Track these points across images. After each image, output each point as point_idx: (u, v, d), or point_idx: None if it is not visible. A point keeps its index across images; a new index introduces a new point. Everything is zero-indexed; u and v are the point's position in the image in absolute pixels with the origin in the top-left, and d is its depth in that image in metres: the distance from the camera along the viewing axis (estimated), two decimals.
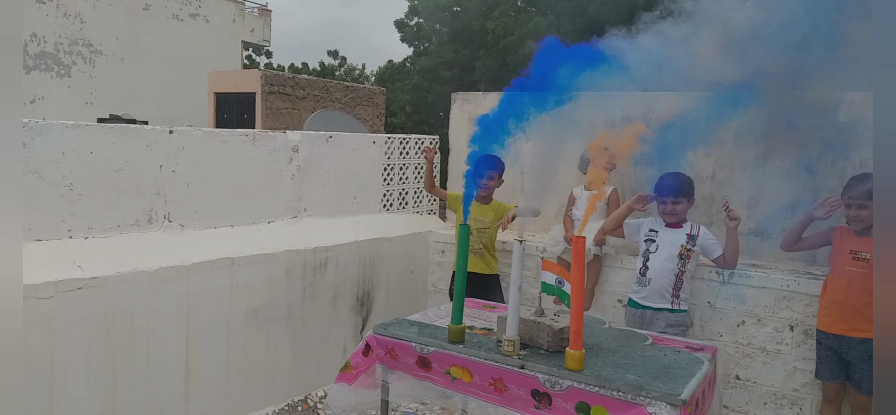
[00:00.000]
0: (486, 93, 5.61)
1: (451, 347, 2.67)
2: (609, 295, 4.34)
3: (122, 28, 16.45)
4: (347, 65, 27.13)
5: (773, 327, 3.83)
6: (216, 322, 3.66)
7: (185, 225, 3.75)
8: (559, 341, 2.61)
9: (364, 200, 4.98)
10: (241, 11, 19.53)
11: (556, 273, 2.69)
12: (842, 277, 3.38)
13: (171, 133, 3.68)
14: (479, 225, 4.28)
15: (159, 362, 3.40)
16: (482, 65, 17.17)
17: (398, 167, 5.28)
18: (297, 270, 4.10)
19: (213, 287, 3.62)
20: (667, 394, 2.23)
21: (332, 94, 12.70)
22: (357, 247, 4.56)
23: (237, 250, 3.78)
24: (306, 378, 4.24)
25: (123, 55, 16.46)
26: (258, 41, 20.53)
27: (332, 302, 4.39)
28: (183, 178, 3.73)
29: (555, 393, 2.41)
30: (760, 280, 3.84)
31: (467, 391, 2.63)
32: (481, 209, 4.35)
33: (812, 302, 3.65)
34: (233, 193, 4.01)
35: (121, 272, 3.21)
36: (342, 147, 4.75)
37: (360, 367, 2.95)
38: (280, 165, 4.29)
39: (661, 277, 3.71)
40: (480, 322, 3.02)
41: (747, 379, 3.92)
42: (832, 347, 3.43)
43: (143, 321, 3.31)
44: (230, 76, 12.77)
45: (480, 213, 4.34)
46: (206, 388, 3.64)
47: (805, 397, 3.76)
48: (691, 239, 3.73)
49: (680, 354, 2.68)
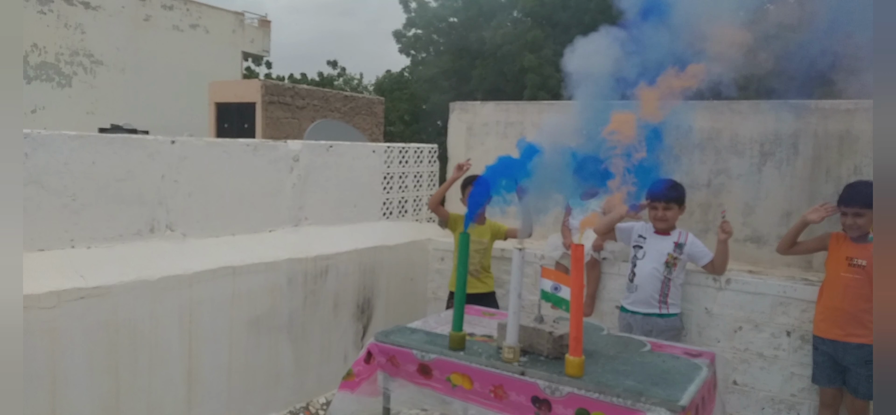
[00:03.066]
0: (483, 103, 5.66)
1: (451, 354, 2.70)
2: (607, 302, 4.37)
3: (123, 39, 16.54)
4: (346, 75, 27.22)
5: (770, 332, 3.86)
6: (218, 330, 3.69)
7: (187, 234, 3.78)
8: (559, 347, 2.64)
9: (364, 209, 5.01)
10: (240, 22, 19.64)
11: (554, 280, 2.72)
12: (838, 284, 3.41)
13: (173, 143, 3.71)
14: (476, 246, 4.27)
15: (162, 371, 3.43)
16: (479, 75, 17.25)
17: (398, 176, 5.31)
18: (298, 279, 4.13)
19: (214, 296, 3.65)
20: (666, 399, 2.26)
21: (332, 103, 12.76)
22: (357, 255, 4.59)
23: (239, 259, 3.80)
24: (308, 385, 4.26)
25: (124, 66, 16.54)
26: (258, 52, 20.65)
27: (332, 310, 4.41)
28: (185, 187, 3.76)
29: (555, 399, 2.43)
30: (757, 286, 3.88)
31: (468, 398, 2.66)
32: (478, 230, 4.31)
33: (808, 308, 3.68)
34: (234, 203, 4.04)
35: (123, 282, 3.24)
36: (342, 156, 4.78)
37: (362, 374, 2.97)
38: (281, 174, 4.33)
39: (648, 284, 3.76)
40: (481, 329, 3.04)
41: (745, 384, 3.94)
42: (828, 352, 3.46)
43: (145, 330, 3.34)
44: (231, 86, 12.84)
45: (477, 234, 4.30)
46: (208, 396, 3.66)
47: (802, 402, 3.78)
48: (678, 247, 3.77)
49: (678, 360, 2.71)
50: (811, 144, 4.19)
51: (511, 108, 5.49)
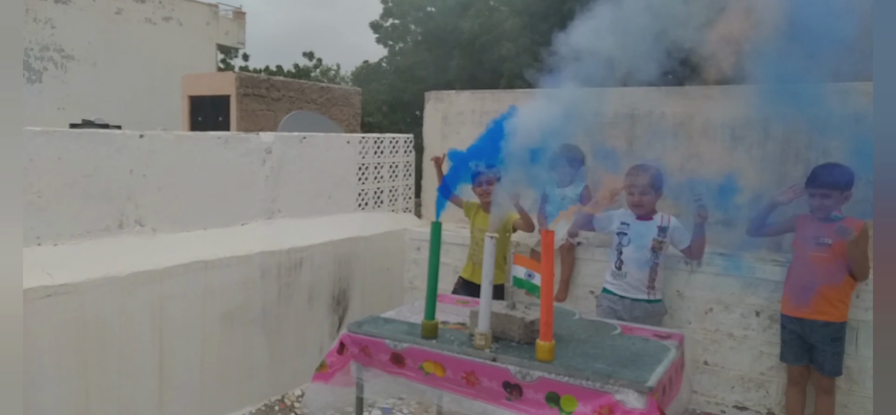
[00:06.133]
0: (459, 92, 5.65)
1: (424, 342, 2.71)
2: (581, 287, 4.40)
3: (95, 32, 16.26)
4: (323, 66, 27.04)
5: (739, 313, 3.91)
6: (190, 325, 3.65)
7: (157, 229, 3.74)
8: (530, 333, 2.65)
9: (339, 200, 4.99)
10: (214, 14, 19.39)
11: (526, 267, 2.73)
12: (805, 263, 3.48)
13: (142, 137, 3.66)
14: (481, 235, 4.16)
15: (132, 368, 3.39)
16: (457, 64, 17.22)
17: (373, 166, 5.29)
18: (272, 271, 4.11)
19: (186, 291, 3.61)
20: (634, 381, 2.29)
21: (308, 95, 12.67)
22: (332, 246, 4.57)
23: (211, 253, 3.77)
24: (283, 378, 4.25)
25: (96, 60, 16.26)
26: (233, 44, 20.41)
27: (307, 302, 4.40)
28: (154, 182, 3.71)
29: (525, 384, 2.45)
30: (727, 268, 3.93)
31: (440, 386, 2.67)
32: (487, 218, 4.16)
33: (777, 288, 3.74)
34: (206, 196, 4.00)
35: (91, 278, 3.19)
36: (316, 147, 4.75)
37: (335, 365, 2.97)
38: (253, 166, 4.29)
39: (637, 270, 3.76)
40: (455, 317, 3.05)
41: (715, 364, 4.00)
42: (796, 330, 3.53)
43: (115, 327, 3.30)
44: (204, 79, 12.68)
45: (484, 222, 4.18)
46: (181, 391, 3.63)
47: (771, 380, 3.85)
48: (662, 231, 3.80)
49: (648, 342, 2.74)
50: (781, 128, 4.24)
51: (486, 96, 5.49)
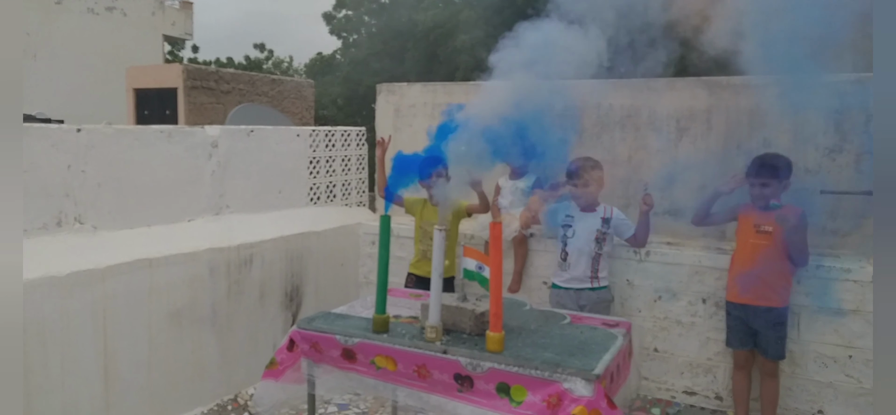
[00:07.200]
0: (411, 84, 5.63)
1: (374, 337, 2.69)
2: (534, 278, 4.44)
3: (34, 23, 15.58)
4: (275, 58, 26.56)
5: (687, 300, 4.02)
6: (136, 325, 3.55)
7: (97, 227, 3.61)
8: (480, 324, 2.66)
9: (290, 195, 4.91)
10: (160, 4, 18.82)
11: (476, 259, 2.74)
12: (747, 250, 3.59)
13: (79, 131, 3.53)
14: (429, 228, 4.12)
15: (75, 369, 3.28)
16: (412, 56, 17.14)
17: (325, 160, 5.23)
18: (220, 269, 4.02)
19: (130, 289, 3.51)
20: (581, 370, 2.32)
21: (259, 87, 12.43)
22: (284, 242, 4.50)
23: (155, 251, 3.67)
24: (235, 377, 4.17)
25: (36, 52, 15.59)
26: (180, 35, 19.85)
27: (259, 299, 4.32)
28: (93, 178, 3.59)
29: (476, 375, 2.46)
30: (675, 257, 4.03)
31: (392, 380, 2.66)
32: (433, 212, 4.17)
33: (722, 275, 3.85)
34: (149, 192, 3.88)
35: (29, 279, 3.06)
36: (265, 141, 4.66)
37: (285, 362, 2.93)
38: (199, 161, 4.18)
39: (581, 261, 3.84)
40: (407, 311, 3.04)
41: (664, 351, 4.10)
42: (740, 316, 3.64)
43: (55, 328, 3.18)
44: (150, 71, 12.30)
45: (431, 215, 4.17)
46: (127, 392, 3.53)
47: (718, 365, 3.97)
48: (606, 222, 3.87)
49: (596, 331, 2.79)
50: (723, 119, 4.36)
51: (438, 89, 5.49)
